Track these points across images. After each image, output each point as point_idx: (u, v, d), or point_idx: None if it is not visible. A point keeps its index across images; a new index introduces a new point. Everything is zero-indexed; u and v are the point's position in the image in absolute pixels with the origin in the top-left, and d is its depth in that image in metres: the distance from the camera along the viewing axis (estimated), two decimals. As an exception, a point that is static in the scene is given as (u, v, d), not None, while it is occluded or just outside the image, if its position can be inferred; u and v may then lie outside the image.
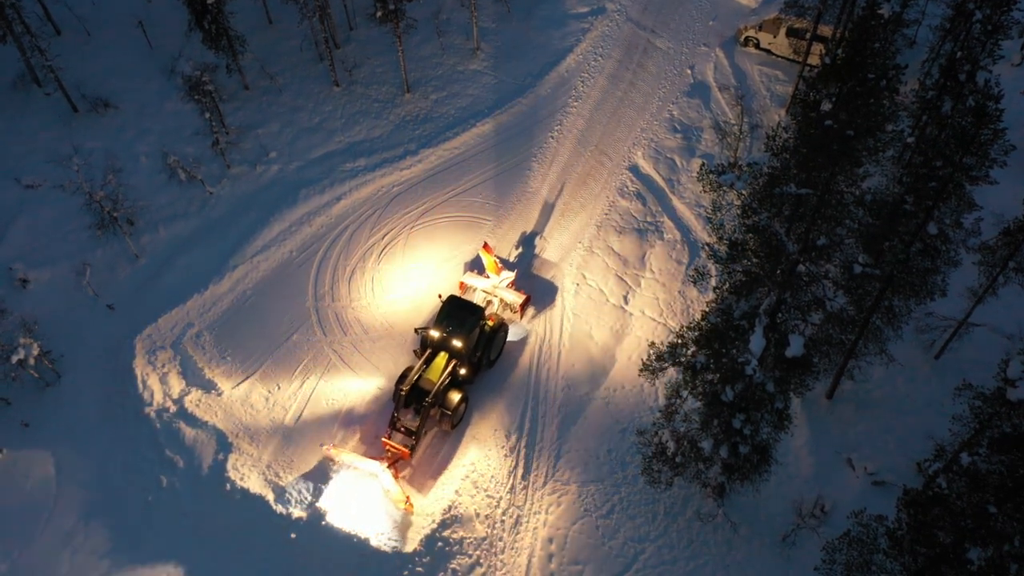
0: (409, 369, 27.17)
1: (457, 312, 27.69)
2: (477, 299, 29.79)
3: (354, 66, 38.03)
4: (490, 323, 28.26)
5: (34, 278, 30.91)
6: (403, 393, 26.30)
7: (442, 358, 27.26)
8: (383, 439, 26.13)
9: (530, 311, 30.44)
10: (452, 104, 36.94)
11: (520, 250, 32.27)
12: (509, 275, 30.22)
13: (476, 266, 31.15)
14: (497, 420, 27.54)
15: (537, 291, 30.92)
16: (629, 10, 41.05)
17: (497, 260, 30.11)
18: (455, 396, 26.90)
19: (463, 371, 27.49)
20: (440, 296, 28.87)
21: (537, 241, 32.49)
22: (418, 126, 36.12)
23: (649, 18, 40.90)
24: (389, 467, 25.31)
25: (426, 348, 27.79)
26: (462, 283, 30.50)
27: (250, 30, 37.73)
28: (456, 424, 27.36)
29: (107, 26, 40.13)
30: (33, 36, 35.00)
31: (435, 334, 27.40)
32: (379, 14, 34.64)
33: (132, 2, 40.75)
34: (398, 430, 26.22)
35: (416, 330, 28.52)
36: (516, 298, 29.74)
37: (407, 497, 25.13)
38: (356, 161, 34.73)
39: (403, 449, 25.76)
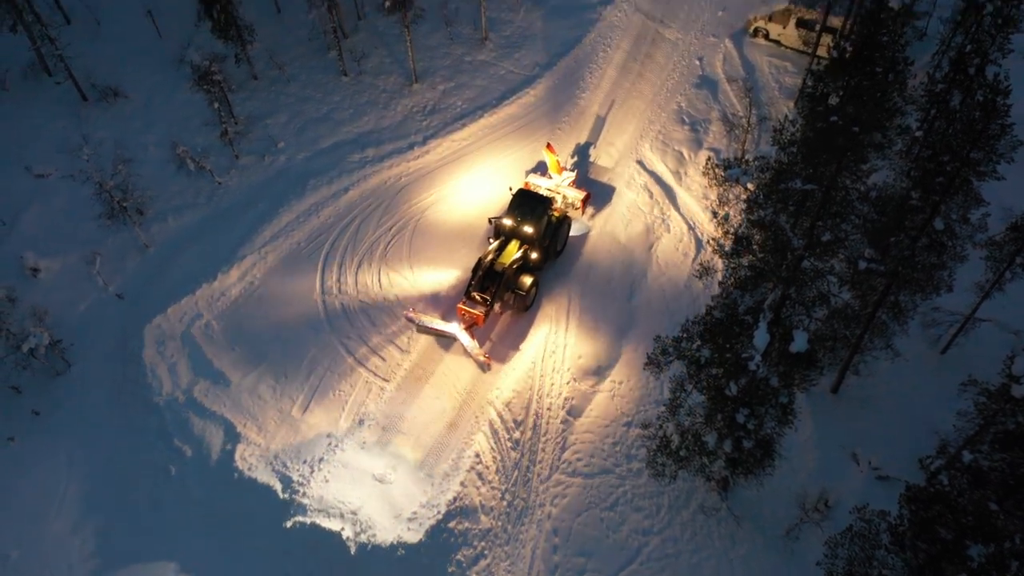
0: (483, 257, 29.65)
1: (527, 202, 30.63)
2: None
3: (362, 56, 38.04)
4: (556, 214, 30.97)
5: (45, 267, 31.19)
6: (482, 270, 29.08)
7: (514, 245, 30.11)
8: (459, 306, 28.83)
9: (589, 210, 33.00)
10: (460, 95, 36.93)
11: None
12: (570, 174, 33.11)
13: (540, 168, 33.98)
14: (503, 409, 27.68)
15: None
16: (638, 0, 40.85)
17: (559, 160, 32.78)
18: (527, 279, 29.52)
19: (534, 255, 30.17)
20: (511, 188, 31.82)
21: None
22: (426, 117, 36.15)
23: (658, 8, 40.73)
24: (465, 330, 28.46)
25: (499, 236, 30.63)
26: (527, 183, 32.85)
27: (259, 20, 37.80)
28: (528, 306, 30.01)
29: (116, 15, 40.25)
30: (43, 25, 35.17)
31: (507, 222, 30.33)
32: (388, 4, 34.68)
33: (141, -9, 40.86)
34: (473, 299, 28.86)
35: (490, 219, 31.68)
36: (577, 195, 32.34)
37: (486, 351, 28.36)
38: (364, 152, 34.79)
39: (477, 314, 28.44)
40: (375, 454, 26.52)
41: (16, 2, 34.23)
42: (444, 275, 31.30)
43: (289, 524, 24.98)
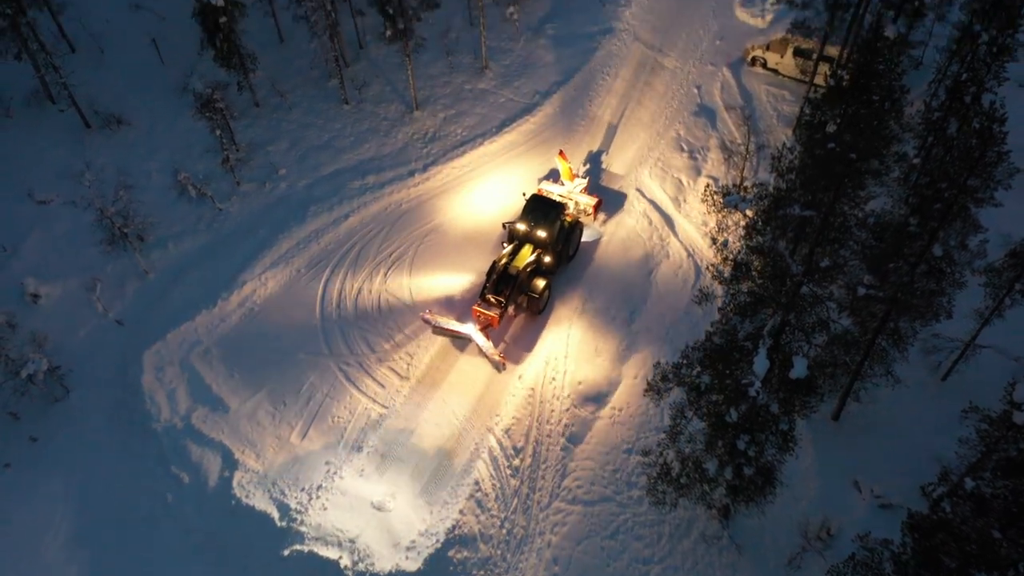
0: (497, 260, 30.14)
1: (540, 207, 31.16)
2: None
3: (363, 84, 38.35)
4: (568, 219, 31.60)
5: (45, 293, 31.21)
6: (496, 274, 29.55)
7: (527, 249, 30.64)
8: (473, 307, 29.42)
9: (600, 216, 33.71)
10: (460, 123, 37.18)
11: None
12: (582, 181, 33.70)
13: (552, 175, 34.74)
14: (503, 436, 27.55)
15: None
16: (637, 30, 41.27)
17: (571, 167, 33.33)
18: (540, 283, 30.17)
19: (547, 259, 30.74)
20: (524, 194, 32.40)
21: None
22: (426, 144, 36.37)
23: (657, 38, 41.11)
24: (480, 331, 29.09)
25: (512, 241, 31.14)
26: (540, 189, 33.49)
27: (261, 48, 38.13)
28: (541, 310, 30.61)
29: (120, 43, 40.59)
30: (48, 53, 35.43)
31: (521, 227, 30.83)
32: (389, 33, 34.98)
33: (145, 20, 41.26)
34: (488, 302, 29.41)
35: (504, 224, 31.91)
36: (589, 200, 33.20)
37: (500, 352, 28.91)
38: (364, 179, 34.96)
39: (492, 315, 28.99)
40: (374, 481, 26.38)
41: (21, 30, 34.58)
42: (458, 279, 31.81)
43: (287, 552, 24.78)
